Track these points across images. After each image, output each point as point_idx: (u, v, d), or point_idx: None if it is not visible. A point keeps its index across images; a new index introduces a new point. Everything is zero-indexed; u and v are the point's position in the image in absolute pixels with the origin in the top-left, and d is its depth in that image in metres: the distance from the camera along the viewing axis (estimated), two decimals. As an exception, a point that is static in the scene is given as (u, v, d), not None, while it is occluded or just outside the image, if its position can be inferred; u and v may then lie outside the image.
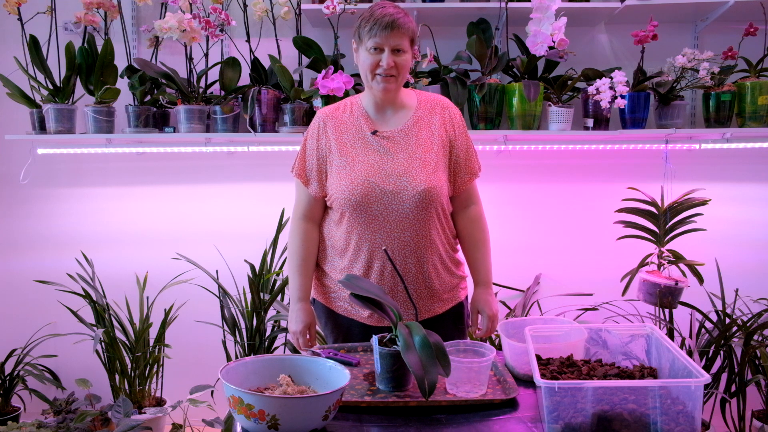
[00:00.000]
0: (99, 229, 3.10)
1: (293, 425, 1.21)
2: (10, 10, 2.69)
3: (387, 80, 1.74)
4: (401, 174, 1.74)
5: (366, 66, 1.75)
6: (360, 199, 1.73)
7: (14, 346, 2.98)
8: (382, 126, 1.81)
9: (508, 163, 3.01)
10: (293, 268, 1.86)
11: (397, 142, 1.78)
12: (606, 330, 1.54)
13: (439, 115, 1.83)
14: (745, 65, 2.74)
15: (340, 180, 1.76)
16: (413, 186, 1.73)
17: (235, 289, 2.89)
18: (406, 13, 1.74)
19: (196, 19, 2.65)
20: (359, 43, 1.77)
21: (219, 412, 2.78)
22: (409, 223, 1.75)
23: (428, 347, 1.36)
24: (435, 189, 1.75)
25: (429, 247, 1.78)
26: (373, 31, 1.71)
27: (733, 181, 2.98)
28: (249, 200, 3.06)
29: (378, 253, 1.76)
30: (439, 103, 1.86)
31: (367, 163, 1.76)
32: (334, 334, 1.88)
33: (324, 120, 1.84)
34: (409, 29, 1.74)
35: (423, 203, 1.74)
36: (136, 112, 2.78)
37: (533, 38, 2.54)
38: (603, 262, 2.98)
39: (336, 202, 1.78)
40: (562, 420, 1.20)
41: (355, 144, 1.79)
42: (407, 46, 1.75)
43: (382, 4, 1.76)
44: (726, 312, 2.68)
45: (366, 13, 1.76)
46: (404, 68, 1.76)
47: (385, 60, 1.72)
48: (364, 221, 1.75)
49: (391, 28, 1.70)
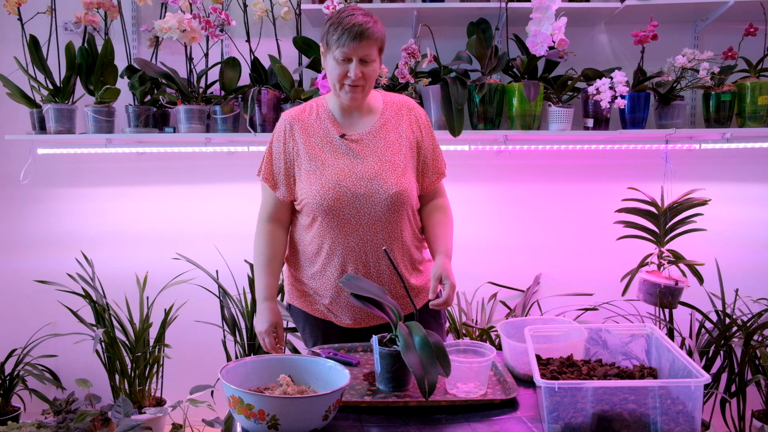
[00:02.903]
0: (99, 229, 3.10)
1: (293, 425, 1.21)
2: (10, 10, 2.70)
3: (354, 90, 1.72)
4: (372, 177, 1.74)
5: (333, 75, 1.73)
6: (332, 204, 1.73)
7: (14, 346, 2.98)
8: (349, 129, 1.80)
9: (508, 163, 3.01)
10: (259, 268, 1.85)
11: (365, 145, 1.78)
12: (606, 330, 1.54)
13: (406, 117, 1.83)
14: (745, 65, 2.74)
15: (310, 185, 1.75)
16: (384, 189, 1.73)
17: (235, 289, 2.89)
18: (375, 20, 1.71)
19: (196, 19, 2.65)
20: (327, 49, 1.73)
21: (219, 412, 2.78)
22: (381, 226, 1.75)
23: (428, 347, 1.36)
24: (406, 191, 1.76)
25: (400, 248, 1.79)
26: (341, 41, 1.67)
27: (733, 181, 2.98)
28: (249, 200, 3.03)
29: (351, 256, 1.76)
30: (405, 105, 1.85)
31: (337, 167, 1.75)
32: (312, 339, 1.87)
33: (290, 123, 1.82)
34: (378, 39, 1.71)
35: (394, 206, 1.75)
36: (136, 112, 2.78)
37: (533, 38, 2.54)
38: (603, 262, 2.98)
39: (307, 207, 1.77)
40: (562, 420, 1.20)
41: (323, 147, 1.78)
42: (375, 55, 1.72)
43: (351, 11, 1.71)
44: (726, 312, 2.68)
45: (334, 18, 1.72)
46: (372, 78, 1.74)
47: (352, 71, 1.69)
48: (336, 225, 1.75)
49: (359, 38, 1.66)
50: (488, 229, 3.04)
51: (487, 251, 3.03)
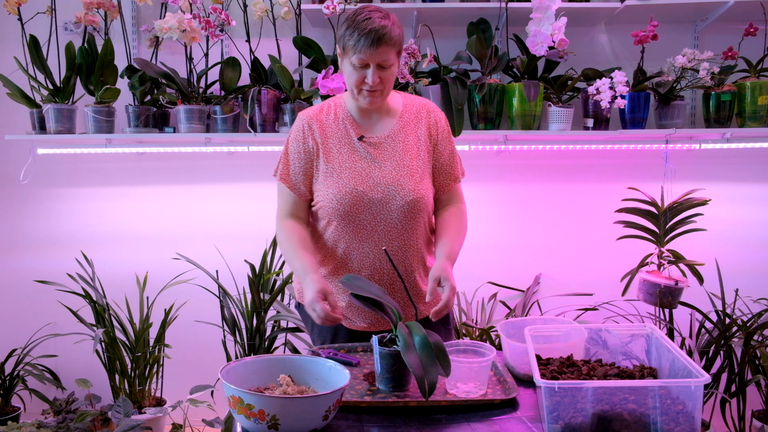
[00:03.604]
0: (99, 229, 3.10)
1: (293, 425, 1.21)
2: (10, 10, 2.70)
3: (373, 94, 1.69)
4: (389, 183, 1.72)
5: (351, 81, 1.69)
6: (348, 209, 1.71)
7: (14, 346, 2.98)
8: (368, 131, 1.78)
9: (508, 163, 3.01)
10: (291, 253, 1.72)
11: (383, 149, 1.76)
12: (606, 330, 1.54)
13: (424, 120, 1.81)
14: (745, 65, 2.74)
15: (326, 188, 1.73)
16: (401, 196, 1.71)
17: (235, 289, 2.89)
18: (392, 21, 1.66)
19: (196, 19, 2.65)
20: (343, 53, 1.68)
21: (219, 412, 2.78)
22: (396, 232, 1.73)
23: (428, 347, 1.36)
24: (423, 199, 1.74)
25: (415, 255, 1.77)
26: (358, 47, 1.62)
27: (733, 181, 2.98)
28: (249, 200, 3.06)
29: (366, 261, 1.74)
30: (425, 107, 1.83)
31: (354, 171, 1.73)
32: (320, 339, 1.86)
33: (308, 122, 1.78)
34: (396, 42, 1.66)
35: (411, 213, 1.73)
36: (136, 112, 2.78)
37: (533, 38, 2.54)
38: (603, 262, 2.98)
39: (322, 210, 1.75)
40: (562, 420, 1.20)
41: (341, 149, 1.75)
42: (394, 59, 1.67)
43: (368, 13, 1.65)
44: (726, 312, 2.68)
45: (350, 20, 1.66)
46: (390, 81, 1.70)
47: (370, 77, 1.65)
48: (352, 230, 1.73)
49: (377, 44, 1.61)
50: (488, 229, 3.04)
51: (487, 251, 3.03)
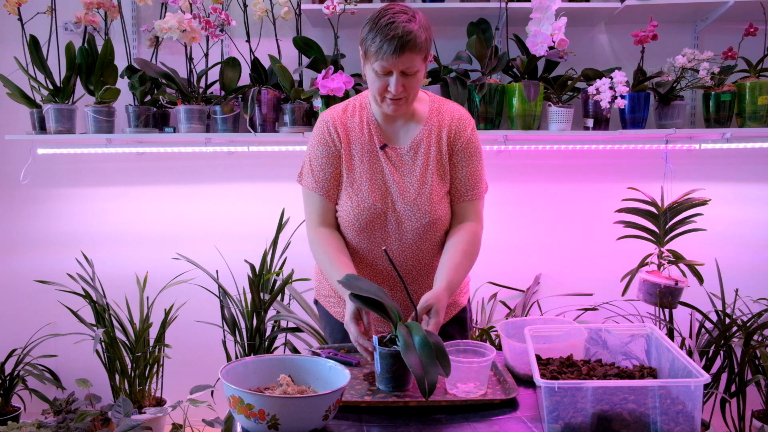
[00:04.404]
0: (99, 229, 3.10)
1: (293, 425, 1.21)
2: (10, 10, 2.69)
3: (396, 103, 1.60)
4: (407, 201, 1.67)
5: (374, 88, 1.60)
6: (364, 225, 1.69)
7: (14, 346, 2.98)
8: (391, 139, 1.70)
9: (508, 163, 3.01)
10: (329, 262, 1.64)
11: (405, 161, 1.69)
12: (606, 330, 1.54)
13: (446, 129, 1.70)
14: (745, 65, 2.74)
15: (346, 198, 1.69)
16: (418, 217, 1.68)
17: (235, 289, 2.89)
18: (419, 24, 1.53)
19: (196, 19, 2.65)
20: (365, 58, 1.58)
21: (219, 412, 2.78)
22: (411, 252, 1.71)
23: (428, 347, 1.36)
24: (441, 219, 1.70)
25: (430, 271, 1.74)
26: (380, 53, 1.51)
27: (733, 181, 2.98)
28: (249, 200, 3.06)
29: (380, 275, 1.73)
30: (450, 115, 1.72)
31: (374, 184, 1.68)
32: (332, 339, 1.86)
33: (333, 125, 1.70)
34: (423, 48, 1.53)
35: (428, 232, 1.70)
36: (136, 112, 2.78)
37: (533, 38, 2.54)
38: (603, 262, 2.98)
39: (340, 220, 1.73)
40: (562, 420, 1.20)
41: (363, 158, 1.69)
42: (419, 65, 1.55)
43: (392, 15, 1.52)
44: (726, 312, 2.68)
45: (372, 22, 1.54)
46: (416, 89, 1.60)
47: (393, 86, 1.55)
48: (367, 245, 1.72)
49: (401, 51, 1.50)
50: (488, 229, 2.99)
51: (487, 251, 2.99)
